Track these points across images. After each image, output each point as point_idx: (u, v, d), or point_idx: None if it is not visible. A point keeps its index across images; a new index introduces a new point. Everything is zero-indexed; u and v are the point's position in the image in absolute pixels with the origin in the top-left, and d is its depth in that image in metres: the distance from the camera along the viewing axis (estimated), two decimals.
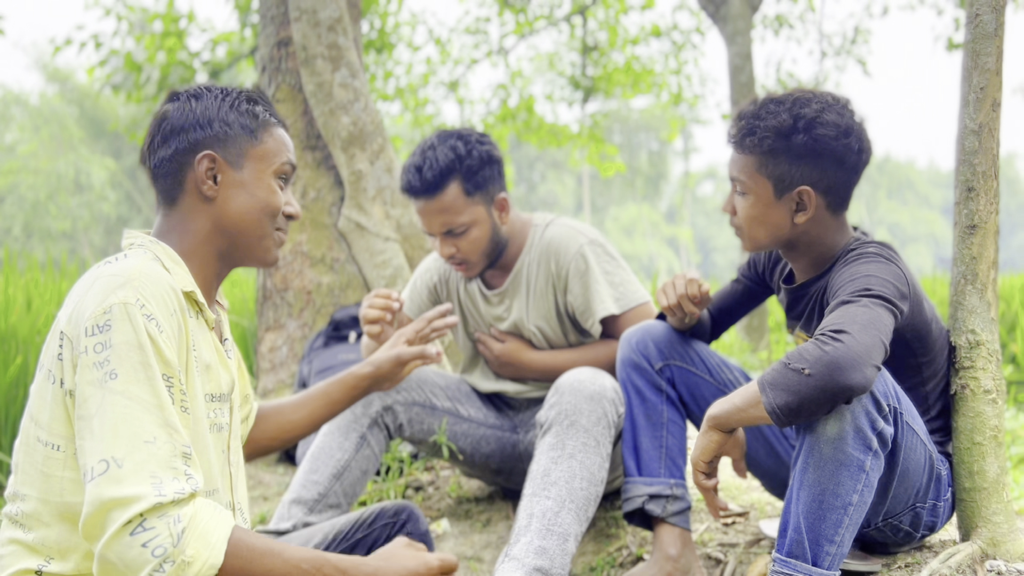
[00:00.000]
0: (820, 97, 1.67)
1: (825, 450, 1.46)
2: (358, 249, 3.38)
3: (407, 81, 9.87)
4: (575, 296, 2.14)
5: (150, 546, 1.05)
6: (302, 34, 3.43)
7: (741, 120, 1.72)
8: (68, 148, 25.70)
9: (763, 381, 1.46)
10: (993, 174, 1.79)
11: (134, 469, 1.07)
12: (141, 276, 1.19)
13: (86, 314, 1.16)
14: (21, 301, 4.57)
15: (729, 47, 7.43)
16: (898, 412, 1.52)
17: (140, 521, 1.05)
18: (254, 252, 1.39)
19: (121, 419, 1.10)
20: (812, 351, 1.40)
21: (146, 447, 1.09)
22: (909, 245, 45.06)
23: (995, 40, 1.77)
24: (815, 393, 1.39)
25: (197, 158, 1.33)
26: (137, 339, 1.14)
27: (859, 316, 1.45)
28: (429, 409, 2.23)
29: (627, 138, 37.61)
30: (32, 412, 1.22)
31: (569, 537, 1.79)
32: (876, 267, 1.60)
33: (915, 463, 1.61)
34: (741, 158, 1.72)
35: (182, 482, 1.10)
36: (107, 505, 1.06)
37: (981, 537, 1.71)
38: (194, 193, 1.34)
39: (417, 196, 2.07)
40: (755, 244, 1.76)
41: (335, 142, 3.42)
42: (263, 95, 1.42)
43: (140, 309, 1.16)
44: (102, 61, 7.48)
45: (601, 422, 1.91)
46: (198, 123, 1.34)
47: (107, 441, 1.09)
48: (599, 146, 10.11)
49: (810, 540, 1.48)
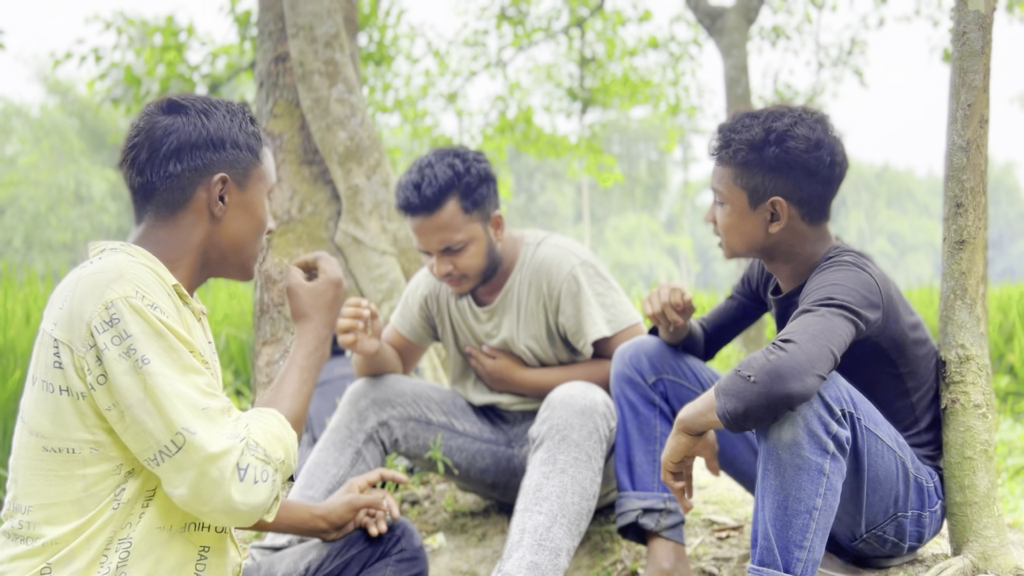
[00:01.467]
0: (794, 112, 1.72)
1: (783, 455, 1.49)
2: (355, 263, 3.40)
3: (406, 93, 9.91)
4: (567, 317, 2.15)
5: (259, 477, 1.20)
6: (299, 50, 3.46)
7: (719, 133, 1.78)
8: (69, 160, 25.77)
9: (718, 387, 1.50)
10: (981, 190, 1.81)
11: (206, 433, 1.17)
12: (128, 269, 1.21)
13: (85, 315, 1.17)
14: (20, 315, 4.58)
15: (725, 60, 7.47)
16: (854, 417, 1.55)
17: (237, 466, 1.18)
18: (242, 268, 1.41)
19: (173, 395, 1.17)
20: (759, 359, 1.45)
21: (204, 413, 1.19)
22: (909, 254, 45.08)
23: (982, 58, 1.79)
24: (759, 400, 1.43)
25: (213, 179, 1.33)
26: (151, 327, 1.18)
27: (811, 326, 1.49)
28: (424, 424, 2.24)
29: (626, 148, 37.69)
30: (31, 426, 1.22)
31: (561, 552, 1.80)
32: (844, 275, 1.63)
33: (884, 469, 1.62)
34: (719, 170, 1.77)
35: (235, 422, 1.23)
36: (204, 469, 1.16)
37: (972, 551, 1.72)
38: (200, 211, 1.34)
39: (415, 214, 2.06)
40: (732, 252, 1.81)
41: (332, 157, 3.44)
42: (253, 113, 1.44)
43: (142, 300, 1.19)
44: (102, 74, 7.52)
45: (592, 436, 1.92)
46: (212, 143, 1.33)
47: (172, 416, 1.16)
48: (598, 157, 10.14)
49: (779, 547, 1.50)
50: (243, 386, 4.55)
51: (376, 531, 1.61)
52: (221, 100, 1.39)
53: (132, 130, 1.34)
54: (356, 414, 2.17)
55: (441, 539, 2.39)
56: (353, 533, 1.63)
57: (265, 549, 1.98)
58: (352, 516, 1.63)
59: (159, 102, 1.36)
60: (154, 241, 1.33)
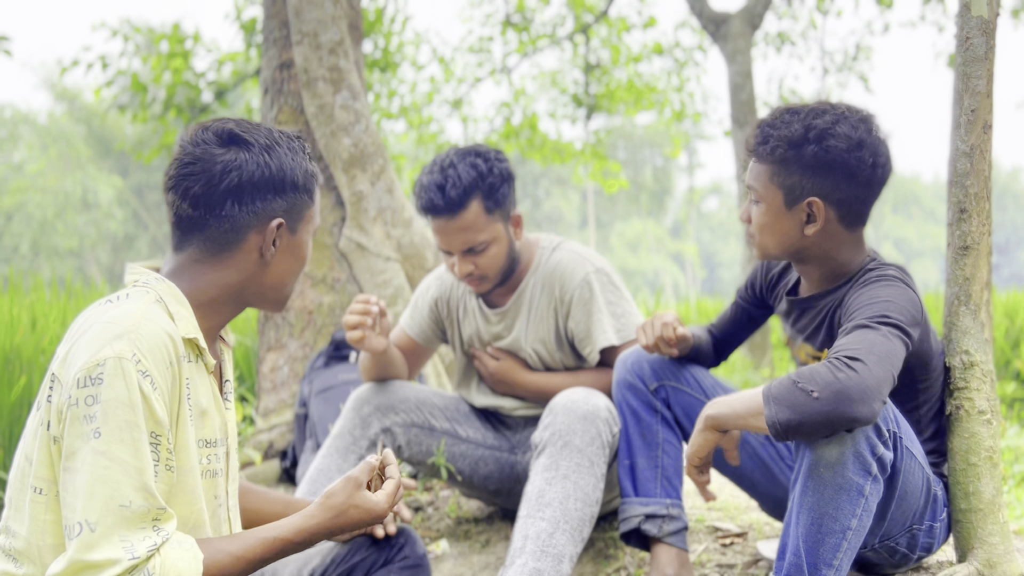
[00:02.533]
0: (837, 109, 1.67)
1: (825, 474, 1.46)
2: (359, 269, 3.40)
3: (411, 100, 9.92)
4: (577, 323, 2.15)
5: None
6: (304, 57, 3.47)
7: (759, 128, 1.72)
8: (76, 167, 25.87)
9: (768, 394, 1.46)
10: (985, 196, 1.80)
11: (106, 534, 1.10)
12: (138, 326, 1.16)
13: (78, 363, 1.14)
14: (26, 321, 4.60)
15: (730, 65, 7.47)
16: (898, 437, 1.52)
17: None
18: (277, 303, 1.38)
19: (99, 481, 1.11)
20: (824, 375, 1.40)
21: (120, 511, 1.11)
22: (915, 260, 44.94)
23: (985, 63, 1.79)
24: (819, 417, 1.39)
25: (271, 225, 1.28)
26: (128, 396, 1.13)
27: (877, 346, 1.45)
28: (427, 430, 2.24)
29: (631, 154, 37.68)
30: (27, 452, 1.21)
31: (564, 558, 1.80)
32: (896, 292, 1.59)
33: (913, 486, 1.61)
34: (756, 166, 1.72)
35: (153, 537, 1.13)
36: (80, 567, 1.09)
37: (977, 558, 1.71)
38: (251, 253, 1.29)
39: (438, 215, 2.05)
40: (765, 253, 1.76)
41: (336, 163, 3.45)
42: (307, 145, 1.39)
43: (135, 364, 1.14)
44: (109, 81, 7.55)
45: (595, 442, 1.91)
46: (274, 186, 1.28)
47: (84, 501, 1.10)
48: (603, 163, 10.13)
49: (808, 564, 1.48)
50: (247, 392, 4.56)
51: (383, 533, 1.57)
52: (282, 133, 1.34)
53: (185, 155, 1.27)
54: (359, 420, 2.16)
55: (444, 545, 2.38)
56: (358, 538, 1.62)
57: None
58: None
59: (217, 130, 1.29)
60: (191, 276, 1.28)
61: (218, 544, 1.21)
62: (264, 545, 1.23)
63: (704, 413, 1.57)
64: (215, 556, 1.19)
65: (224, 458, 1.36)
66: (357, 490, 1.30)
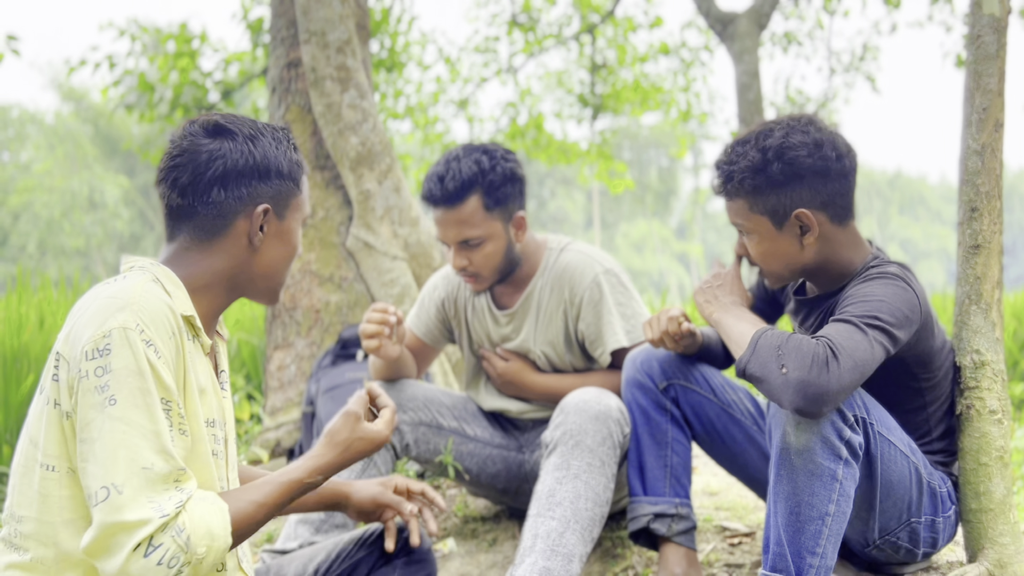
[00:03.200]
0: (781, 123, 1.70)
1: (796, 461, 1.49)
2: (366, 268, 3.41)
3: (417, 100, 9.93)
4: (587, 325, 2.15)
5: (165, 561, 1.12)
6: (311, 56, 3.47)
7: (717, 169, 1.75)
8: (82, 166, 25.95)
9: (755, 340, 1.54)
10: (996, 194, 1.79)
11: (133, 495, 1.12)
12: (139, 299, 1.19)
13: (84, 337, 1.16)
14: (34, 319, 4.61)
15: (737, 65, 7.45)
16: (867, 422, 1.54)
17: (149, 541, 1.11)
18: (270, 292, 1.41)
19: (120, 445, 1.13)
20: (804, 358, 1.44)
21: (143, 473, 1.13)
22: (921, 261, 44.82)
23: (997, 61, 1.78)
24: (776, 389, 1.46)
25: (257, 210, 1.32)
26: (136, 365, 1.15)
27: (858, 352, 1.48)
28: (435, 429, 2.24)
29: (637, 154, 37.65)
30: (32, 435, 1.22)
31: (574, 558, 1.79)
32: (891, 290, 1.59)
33: (897, 474, 1.61)
34: (732, 204, 1.74)
35: (178, 495, 1.16)
36: (112, 530, 1.11)
37: (988, 558, 1.71)
38: (238, 239, 1.32)
39: (436, 205, 2.08)
40: (777, 279, 1.78)
41: (344, 162, 3.45)
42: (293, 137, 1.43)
43: (139, 334, 1.16)
44: (116, 81, 7.57)
45: (606, 442, 1.91)
46: (258, 172, 1.32)
47: (107, 467, 1.13)
48: (608, 163, 10.13)
49: (792, 553, 1.49)
50: (254, 390, 4.56)
51: (392, 546, 1.58)
52: (267, 125, 1.38)
53: (173, 148, 1.32)
54: None
55: (451, 544, 2.38)
56: (363, 536, 1.62)
57: (275, 552, 1.99)
58: (373, 508, 1.61)
59: (204, 122, 1.33)
60: (185, 263, 1.32)
61: (238, 494, 1.26)
62: (282, 489, 1.29)
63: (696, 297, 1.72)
64: (239, 506, 1.24)
65: (223, 442, 1.38)
66: (357, 423, 1.38)
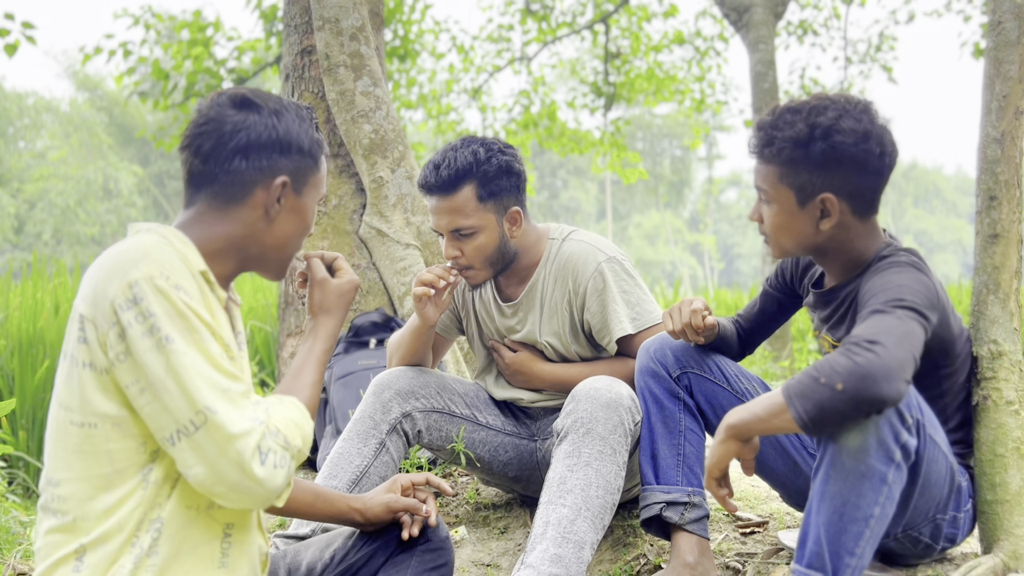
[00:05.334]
0: (837, 103, 1.65)
1: (847, 462, 1.45)
2: (379, 255, 3.41)
3: (430, 88, 9.93)
4: (592, 314, 2.15)
5: (278, 462, 1.22)
6: (325, 43, 3.47)
7: (760, 130, 1.71)
8: (97, 155, 26.09)
9: (790, 393, 1.43)
10: (1016, 183, 1.77)
11: (228, 413, 1.19)
12: (152, 250, 1.22)
13: (110, 293, 1.19)
14: (49, 306, 4.64)
15: (752, 54, 7.40)
16: (921, 424, 1.50)
17: (258, 449, 1.20)
18: (278, 266, 1.43)
19: (194, 373, 1.18)
20: (843, 363, 1.38)
21: (224, 394, 1.20)
22: (936, 253, 44.49)
23: (1018, 48, 1.76)
24: (846, 406, 1.37)
25: (276, 182, 1.34)
26: (174, 307, 1.19)
27: (894, 328, 1.43)
28: (448, 416, 2.24)
29: (650, 145, 37.51)
30: (61, 400, 1.25)
31: (585, 545, 1.79)
32: (908, 276, 1.58)
33: (936, 475, 1.59)
34: (763, 168, 1.71)
35: (261, 405, 1.26)
36: (223, 449, 1.18)
37: (1003, 550, 1.70)
38: (255, 209, 1.35)
39: (431, 192, 2.10)
40: (782, 251, 1.77)
41: (357, 149, 3.45)
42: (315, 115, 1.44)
43: (166, 281, 1.19)
44: (130, 69, 7.60)
45: (618, 430, 1.91)
46: (280, 145, 1.34)
47: (193, 394, 1.18)
48: (621, 153, 10.09)
49: (830, 552, 1.47)
50: (268, 377, 4.59)
51: (408, 535, 1.59)
52: (292, 102, 1.40)
53: (199, 117, 1.35)
54: (380, 405, 2.17)
55: (463, 531, 2.39)
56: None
57: (289, 538, 1.99)
58: (389, 518, 1.61)
59: (231, 94, 1.36)
60: (199, 226, 1.34)
61: (290, 384, 1.37)
62: (318, 364, 1.41)
63: (725, 423, 1.53)
64: (301, 393, 1.35)
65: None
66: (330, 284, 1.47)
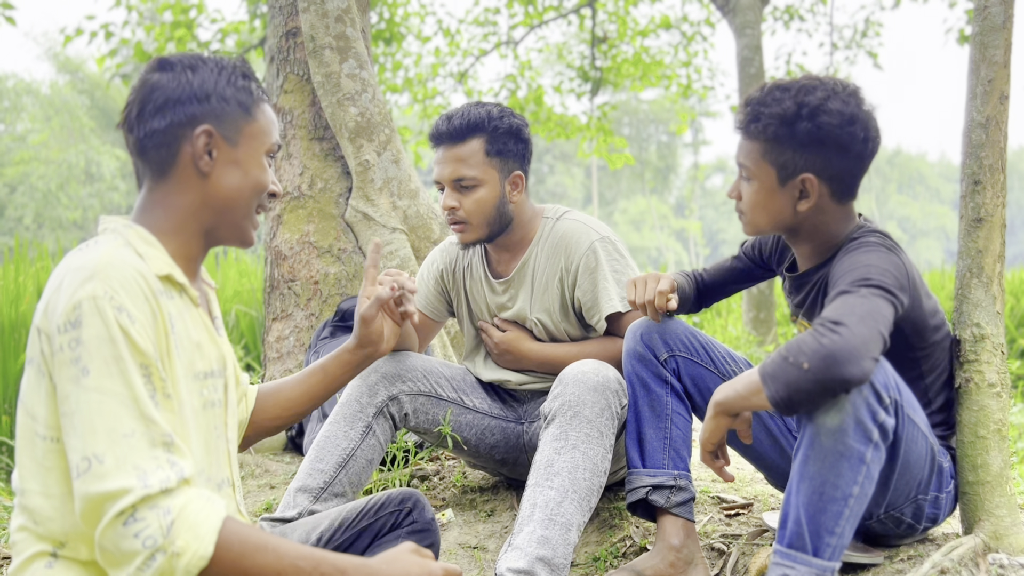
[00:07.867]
0: (826, 84, 1.66)
1: (826, 442, 1.47)
2: (364, 240, 3.40)
3: (416, 72, 9.86)
4: (583, 292, 2.15)
5: (141, 536, 1.08)
6: (310, 24, 3.44)
7: (747, 106, 1.72)
8: (79, 138, 25.79)
9: (764, 372, 1.47)
10: (1000, 167, 1.78)
11: (116, 464, 1.10)
12: (107, 266, 1.18)
13: (58, 311, 1.15)
14: (31, 290, 4.60)
15: (738, 39, 7.40)
16: (899, 404, 1.52)
17: (132, 512, 1.08)
18: (237, 231, 1.38)
19: (97, 415, 1.11)
20: (809, 343, 1.41)
21: (125, 440, 1.11)
22: (919, 239, 44.82)
23: (1003, 33, 1.76)
24: (813, 386, 1.40)
25: (196, 132, 1.30)
26: (108, 333, 1.14)
27: (857, 307, 1.46)
28: (434, 399, 2.24)
29: (636, 130, 37.50)
30: (27, 407, 1.21)
31: (572, 527, 1.80)
32: (876, 256, 1.60)
33: (916, 455, 1.61)
34: (747, 144, 1.72)
35: (166, 470, 1.12)
36: (96, 500, 1.09)
37: (984, 530, 1.72)
38: (188, 167, 1.31)
39: (440, 142, 2.14)
40: (755, 229, 1.78)
41: (342, 133, 3.43)
42: (251, 69, 1.40)
43: (109, 301, 1.15)
44: (112, 51, 7.50)
45: (605, 413, 1.91)
46: (195, 96, 1.31)
47: (86, 438, 1.11)
48: (608, 138, 10.08)
49: (810, 531, 1.49)
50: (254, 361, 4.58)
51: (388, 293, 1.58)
52: (213, 57, 1.36)
53: (130, 92, 1.34)
54: (367, 388, 2.17)
55: (450, 514, 2.40)
56: (366, 505, 1.63)
57: (276, 521, 1.99)
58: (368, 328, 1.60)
59: (153, 61, 1.34)
60: (150, 207, 1.32)
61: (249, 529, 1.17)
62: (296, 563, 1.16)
63: (713, 399, 1.57)
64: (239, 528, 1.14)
65: (223, 390, 1.37)
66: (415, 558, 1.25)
